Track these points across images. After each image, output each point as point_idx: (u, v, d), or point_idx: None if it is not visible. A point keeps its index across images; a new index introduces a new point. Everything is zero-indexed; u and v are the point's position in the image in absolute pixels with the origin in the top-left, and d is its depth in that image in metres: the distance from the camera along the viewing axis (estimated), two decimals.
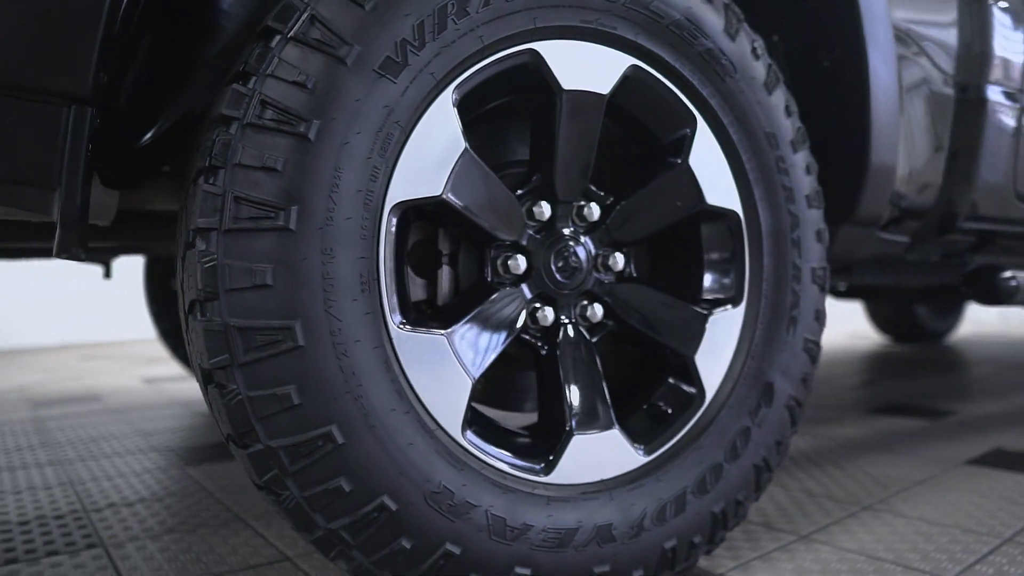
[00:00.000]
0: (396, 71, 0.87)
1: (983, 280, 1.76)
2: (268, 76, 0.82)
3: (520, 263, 1.06)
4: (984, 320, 6.43)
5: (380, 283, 0.89)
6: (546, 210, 1.08)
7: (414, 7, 0.88)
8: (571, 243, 1.10)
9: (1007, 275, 1.79)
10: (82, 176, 0.79)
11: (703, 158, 1.15)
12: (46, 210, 0.81)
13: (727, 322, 1.18)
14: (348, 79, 0.84)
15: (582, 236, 1.12)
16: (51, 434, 2.34)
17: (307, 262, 0.82)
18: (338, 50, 0.84)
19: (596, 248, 1.13)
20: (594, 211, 1.13)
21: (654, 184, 1.15)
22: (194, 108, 1.09)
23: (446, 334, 0.94)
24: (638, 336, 1.17)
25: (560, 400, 1.06)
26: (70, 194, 0.78)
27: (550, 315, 1.09)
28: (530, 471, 1.00)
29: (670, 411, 1.16)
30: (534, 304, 1.08)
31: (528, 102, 1.08)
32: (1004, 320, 6.43)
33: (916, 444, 2.08)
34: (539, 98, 1.05)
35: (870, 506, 1.53)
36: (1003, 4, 1.65)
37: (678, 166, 1.14)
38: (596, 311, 1.13)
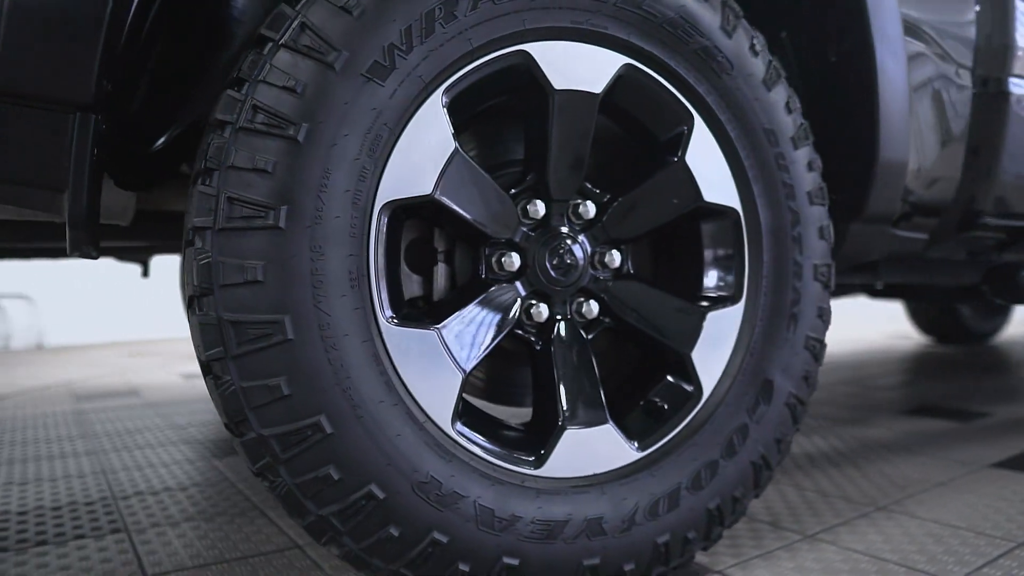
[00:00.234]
0: (384, 75, 0.90)
1: (1005, 278, 1.71)
2: (260, 82, 0.86)
3: (514, 260, 1.08)
4: None
5: (370, 279, 0.92)
6: (540, 208, 1.10)
7: (401, 12, 0.91)
8: (566, 241, 1.11)
9: None
10: (88, 178, 0.84)
11: (700, 155, 1.16)
12: (57, 210, 0.86)
13: (726, 319, 1.18)
14: (336, 84, 0.87)
15: (578, 234, 1.13)
16: (90, 426, 2.45)
17: (296, 259, 0.85)
18: (327, 56, 0.87)
19: (592, 245, 1.14)
20: (590, 209, 1.14)
21: (650, 181, 1.15)
22: (205, 114, 1.14)
23: (436, 329, 0.97)
24: (634, 333, 1.18)
25: (553, 395, 1.08)
26: (76, 195, 0.84)
27: (544, 311, 1.10)
28: (521, 463, 1.02)
29: (666, 407, 1.17)
30: (529, 301, 1.10)
31: (521, 102, 1.10)
32: None
33: (942, 446, 2.03)
34: (532, 98, 1.06)
35: (883, 507, 1.50)
36: None
37: (674, 163, 1.15)
38: (592, 308, 1.14)
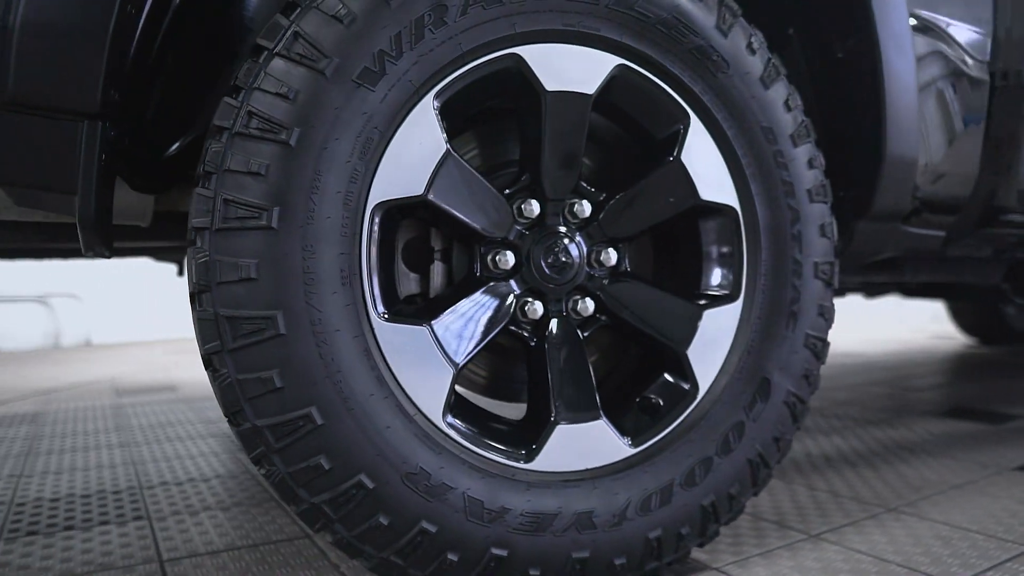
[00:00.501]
0: (374, 80, 0.93)
1: None
2: (255, 89, 0.90)
3: (508, 259, 1.10)
4: None
5: (361, 277, 0.95)
6: (535, 208, 1.12)
7: (391, 19, 0.94)
8: (561, 240, 1.13)
9: None
10: (96, 182, 0.89)
11: (696, 154, 1.16)
12: (70, 212, 0.92)
13: (723, 317, 1.18)
14: (327, 89, 0.91)
15: (574, 232, 1.15)
16: (126, 419, 2.56)
17: (288, 258, 0.89)
18: (318, 63, 0.91)
19: (588, 244, 1.16)
20: (585, 208, 1.15)
21: (646, 180, 1.16)
22: None
23: (428, 325, 1.00)
24: (631, 330, 1.19)
25: (545, 391, 1.10)
26: (85, 198, 0.89)
27: (539, 309, 1.12)
28: (512, 457, 1.04)
29: (661, 404, 1.18)
30: (524, 298, 1.12)
31: (514, 104, 1.12)
32: None
33: (967, 448, 1.98)
34: (524, 100, 1.09)
35: (894, 508, 1.48)
36: None
37: (670, 162, 1.15)
38: (587, 305, 1.16)
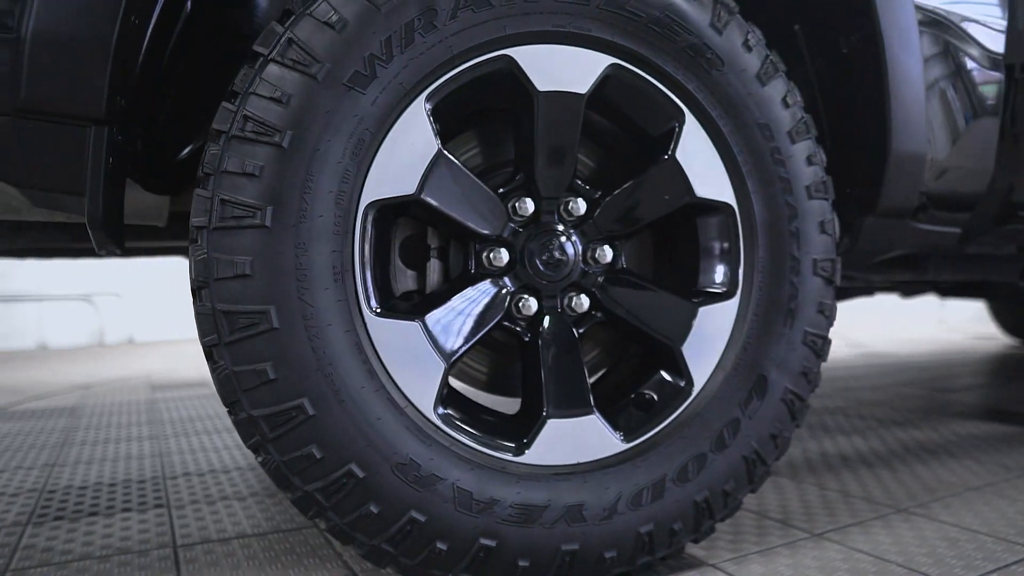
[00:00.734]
0: (365, 84, 0.97)
1: None
2: (251, 94, 0.94)
3: (502, 256, 1.12)
4: None
5: (354, 273, 0.99)
6: (530, 206, 1.14)
7: (382, 24, 0.97)
8: (555, 237, 1.15)
9: None
10: (103, 184, 0.94)
11: (692, 151, 1.17)
12: (81, 212, 0.97)
13: (719, 314, 1.19)
14: (319, 93, 0.94)
15: (569, 230, 1.17)
16: (158, 413, 2.65)
17: (281, 255, 0.93)
18: (310, 68, 0.94)
19: (583, 241, 1.17)
20: (580, 206, 1.17)
21: (640, 178, 1.17)
22: None
23: (420, 321, 1.03)
24: (626, 327, 1.20)
25: (538, 385, 1.12)
26: (93, 199, 0.94)
27: (533, 305, 1.14)
28: (502, 450, 1.06)
29: (656, 400, 1.19)
30: (518, 295, 1.14)
31: (508, 104, 1.14)
32: None
33: (992, 450, 1.93)
34: (517, 100, 1.11)
35: (904, 509, 1.46)
36: None
37: (665, 160, 1.16)
38: (582, 302, 1.17)
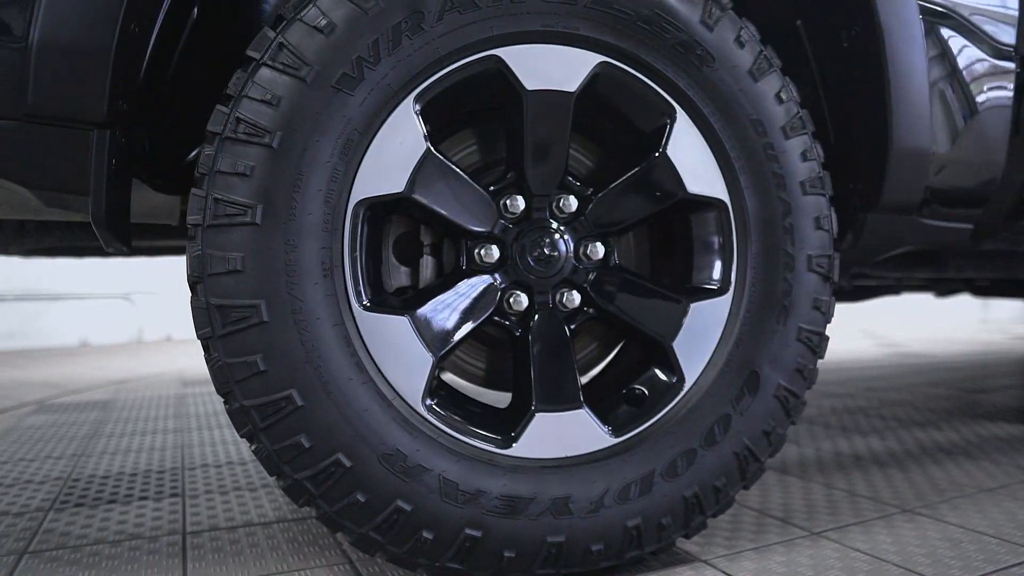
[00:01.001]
0: (353, 85, 1.00)
1: None
2: (243, 97, 0.97)
3: (493, 253, 1.14)
4: None
5: (343, 269, 1.02)
6: (520, 203, 1.16)
7: (369, 27, 1.00)
8: (546, 234, 1.16)
9: None
10: (106, 184, 0.99)
11: (683, 148, 1.17)
12: (87, 211, 1.02)
13: (711, 310, 1.19)
14: (308, 95, 0.98)
15: (560, 227, 1.18)
16: (186, 407, 2.74)
17: (271, 251, 0.96)
18: (299, 71, 0.98)
19: (574, 238, 1.19)
20: (572, 203, 1.18)
21: (632, 175, 1.18)
22: None
23: (408, 315, 1.05)
24: (617, 323, 1.21)
25: (527, 380, 1.14)
26: (97, 198, 0.99)
27: (524, 301, 1.16)
28: (490, 442, 1.08)
29: (647, 395, 1.19)
30: (509, 291, 1.16)
31: (498, 103, 1.16)
32: None
33: (1010, 452, 1.88)
34: (506, 99, 1.13)
35: (910, 509, 1.44)
36: None
37: (656, 156, 1.17)
38: (574, 298, 1.19)
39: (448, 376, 1.39)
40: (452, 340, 1.09)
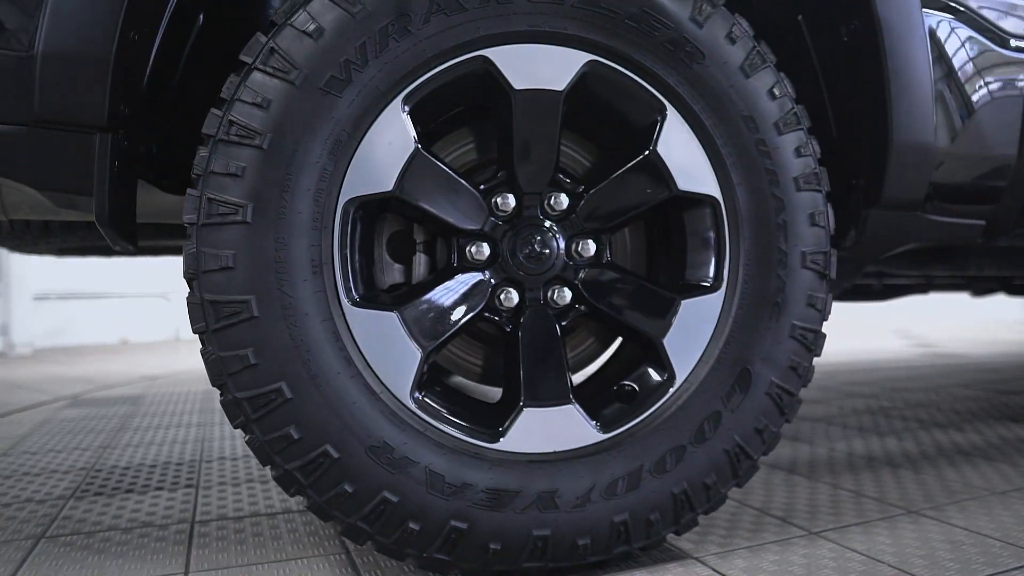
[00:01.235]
0: (341, 88, 1.02)
1: None
2: (236, 100, 1.01)
3: (483, 250, 1.16)
4: None
5: (333, 266, 1.05)
6: (511, 201, 1.17)
7: (357, 31, 1.03)
8: (536, 232, 1.17)
9: None
10: (109, 185, 1.04)
11: (674, 145, 1.17)
12: (92, 211, 1.07)
13: (703, 307, 1.19)
14: (297, 97, 1.01)
15: (551, 224, 1.19)
16: (210, 403, 2.82)
17: (262, 249, 1.00)
18: (289, 74, 1.01)
19: (565, 236, 1.20)
20: (563, 200, 1.19)
21: (622, 172, 1.19)
22: None
23: (397, 311, 1.08)
24: (609, 319, 1.22)
25: (517, 375, 1.15)
26: (100, 199, 1.04)
27: (515, 298, 1.18)
28: (477, 436, 1.10)
29: (637, 392, 1.20)
30: (500, 288, 1.18)
31: (488, 103, 1.18)
32: None
33: None
34: (495, 99, 1.14)
35: (916, 511, 1.41)
36: None
37: (646, 154, 1.17)
38: (565, 295, 1.20)
39: (446, 372, 1.41)
40: (442, 335, 1.12)
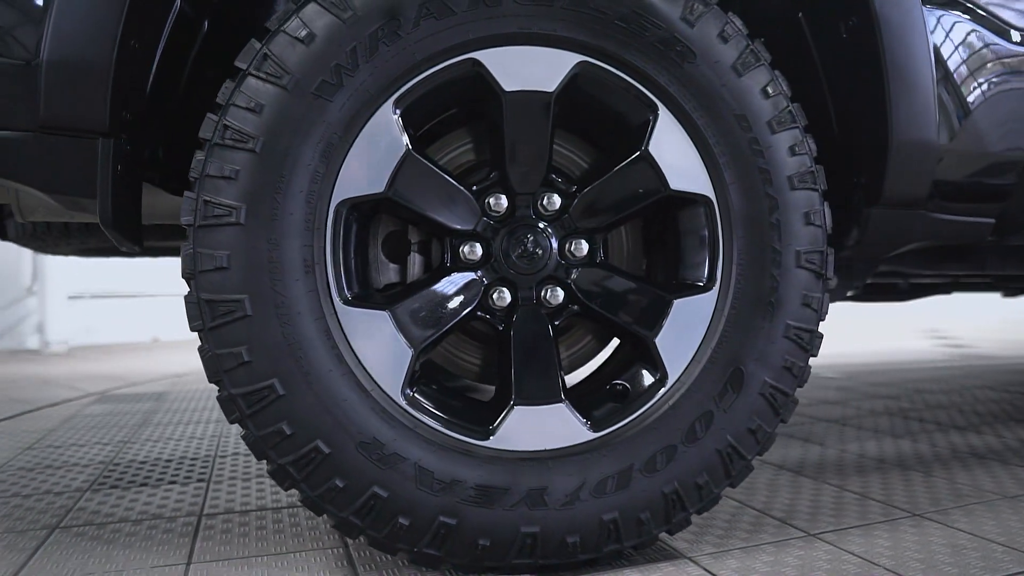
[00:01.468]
0: (332, 92, 1.05)
1: None
2: (231, 105, 1.04)
3: (476, 250, 1.18)
4: None
5: (325, 266, 1.07)
6: (504, 202, 1.19)
7: (347, 36, 1.05)
8: (528, 232, 1.19)
9: None
10: (111, 188, 1.08)
11: (665, 144, 1.18)
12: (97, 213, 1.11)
13: (695, 306, 1.19)
14: (289, 102, 1.04)
15: (544, 224, 1.20)
16: None
17: (255, 249, 1.03)
18: (281, 79, 1.04)
19: (558, 236, 1.21)
20: (555, 201, 1.20)
21: (614, 172, 1.19)
22: None
23: (389, 310, 1.10)
24: (601, 319, 1.22)
25: (508, 374, 1.16)
26: (103, 202, 1.08)
27: (507, 297, 1.19)
28: (468, 433, 1.11)
29: (629, 391, 1.20)
30: (492, 287, 1.19)
31: (479, 104, 1.20)
32: None
33: None
34: (486, 101, 1.16)
35: (920, 514, 1.39)
36: None
37: (638, 154, 1.18)
38: (557, 294, 1.21)
39: (444, 370, 1.43)
40: (434, 334, 1.13)
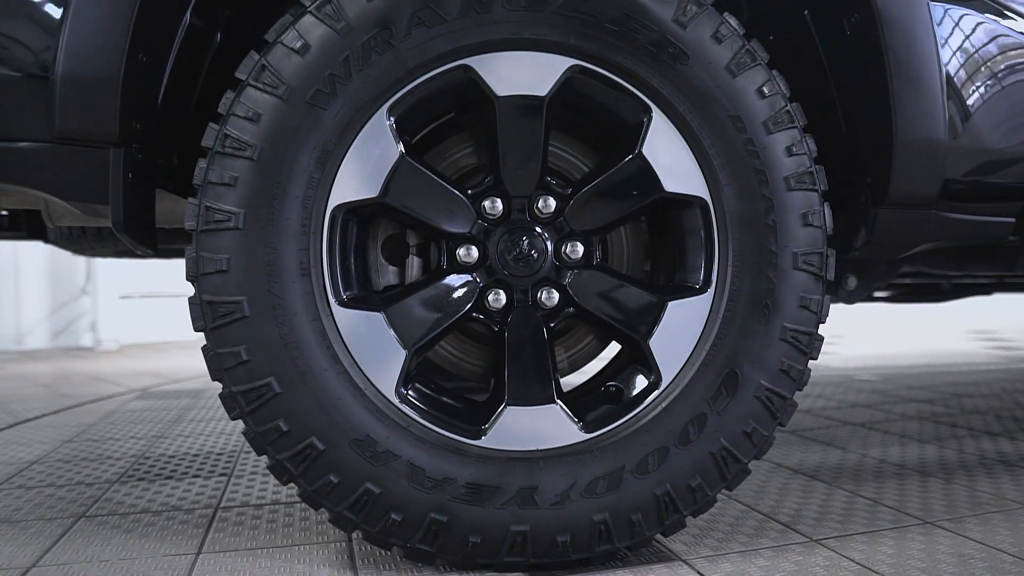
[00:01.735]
0: (326, 100, 1.08)
1: None
2: (231, 115, 1.09)
3: (472, 253, 1.20)
4: None
5: (321, 269, 1.11)
6: (499, 205, 1.21)
7: (340, 46, 1.08)
8: (523, 234, 1.20)
9: None
10: (123, 195, 1.13)
11: (660, 146, 1.18)
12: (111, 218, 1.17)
13: (690, 309, 1.19)
14: (285, 111, 1.08)
15: (540, 227, 1.22)
16: None
17: (253, 253, 1.07)
18: (277, 89, 1.08)
19: (554, 238, 1.22)
20: (550, 203, 1.22)
21: (609, 175, 1.20)
22: None
23: (384, 312, 1.13)
24: (596, 321, 1.23)
25: (502, 374, 1.18)
26: (115, 208, 1.14)
27: (503, 299, 1.21)
28: (460, 432, 1.14)
29: (623, 393, 1.21)
30: (488, 289, 1.21)
31: (472, 110, 1.22)
32: None
33: None
34: (479, 106, 1.18)
35: (931, 522, 1.35)
36: None
37: (632, 156, 1.18)
38: (553, 296, 1.22)
39: (444, 370, 1.45)
40: (428, 335, 1.16)
